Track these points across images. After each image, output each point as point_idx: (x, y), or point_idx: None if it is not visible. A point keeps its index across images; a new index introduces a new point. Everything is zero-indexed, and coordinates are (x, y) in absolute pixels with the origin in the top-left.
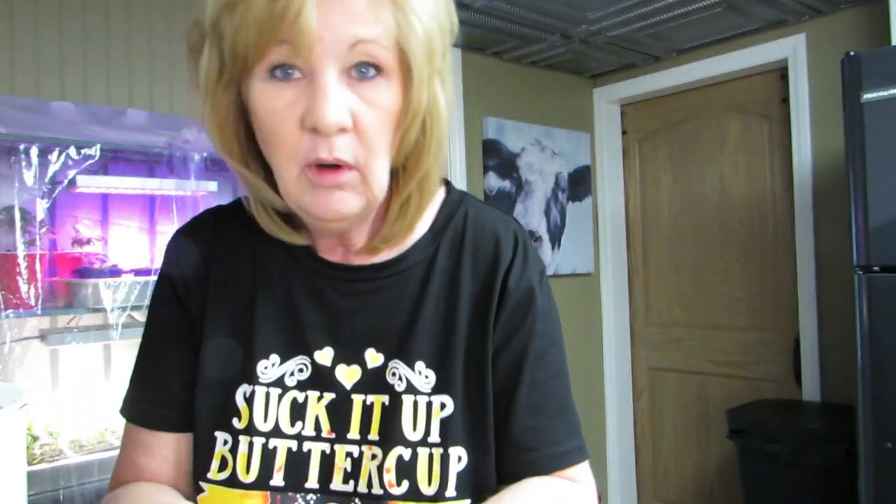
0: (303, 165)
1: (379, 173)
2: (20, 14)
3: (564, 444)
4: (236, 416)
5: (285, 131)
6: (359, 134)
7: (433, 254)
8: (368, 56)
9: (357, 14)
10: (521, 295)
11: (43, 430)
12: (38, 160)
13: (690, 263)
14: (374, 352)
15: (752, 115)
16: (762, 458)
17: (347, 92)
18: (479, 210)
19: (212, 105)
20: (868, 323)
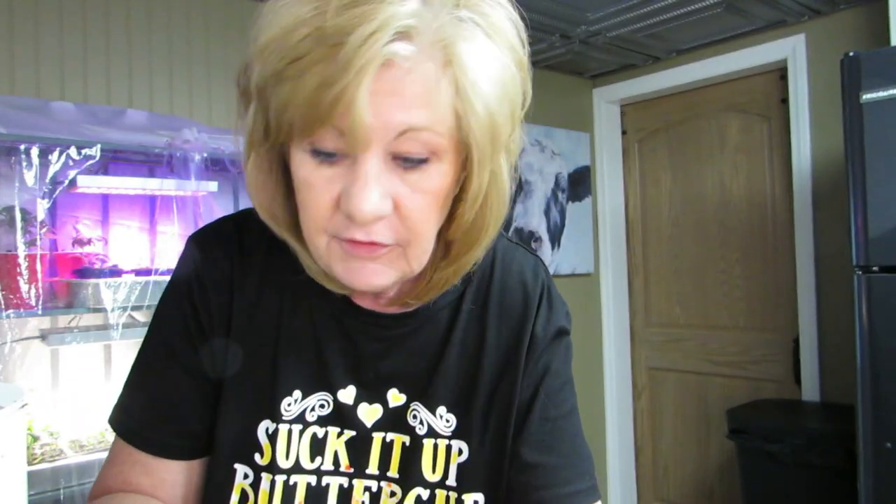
0: (332, 236)
1: (420, 251)
2: (20, 14)
3: (575, 483)
4: (258, 451)
5: (320, 207)
6: (401, 219)
7: (460, 297)
8: (418, 144)
9: (410, 100)
10: (548, 340)
11: (43, 430)
12: (39, 160)
13: (690, 263)
14: (397, 392)
15: (751, 116)
16: (762, 458)
17: (391, 177)
18: (506, 252)
19: (255, 162)
20: (868, 323)
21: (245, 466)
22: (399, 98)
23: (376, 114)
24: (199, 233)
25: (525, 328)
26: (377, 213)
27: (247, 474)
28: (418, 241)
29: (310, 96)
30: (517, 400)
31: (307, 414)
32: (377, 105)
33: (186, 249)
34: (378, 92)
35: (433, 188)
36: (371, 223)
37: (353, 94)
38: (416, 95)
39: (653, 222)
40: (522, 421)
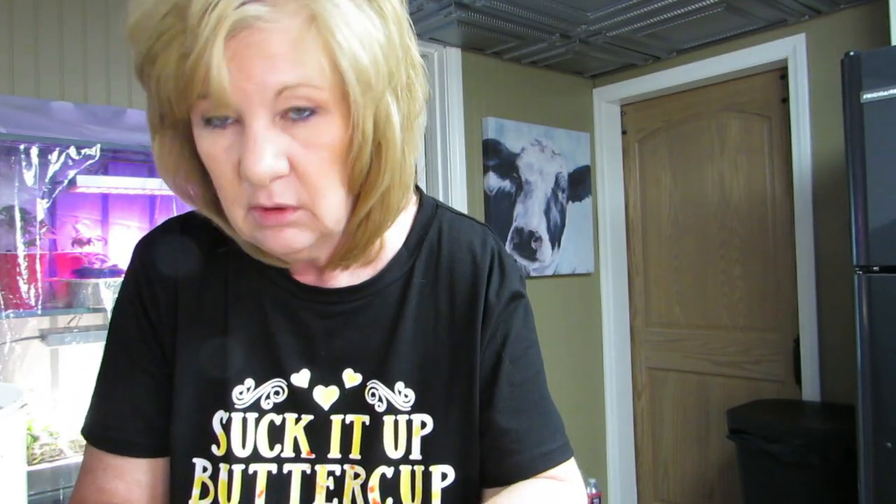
0: (247, 207)
1: (329, 209)
2: (20, 14)
3: (548, 443)
4: (214, 443)
5: (225, 178)
6: (299, 176)
7: (409, 271)
8: (299, 100)
9: (279, 59)
10: (503, 305)
11: (43, 430)
12: (38, 160)
13: (690, 263)
14: (352, 372)
15: (752, 115)
16: (762, 458)
17: (282, 136)
18: (452, 222)
19: (160, 146)
20: (868, 323)
21: (203, 460)
22: (266, 58)
23: (248, 77)
24: (147, 235)
25: (478, 296)
26: (272, 173)
27: (205, 467)
28: (322, 198)
29: (174, 69)
30: (478, 368)
31: (262, 402)
32: (245, 69)
33: (134, 251)
34: (242, 55)
35: (326, 142)
36: (267, 183)
37: (207, 60)
38: (283, 54)
39: (653, 222)
40: (489, 389)
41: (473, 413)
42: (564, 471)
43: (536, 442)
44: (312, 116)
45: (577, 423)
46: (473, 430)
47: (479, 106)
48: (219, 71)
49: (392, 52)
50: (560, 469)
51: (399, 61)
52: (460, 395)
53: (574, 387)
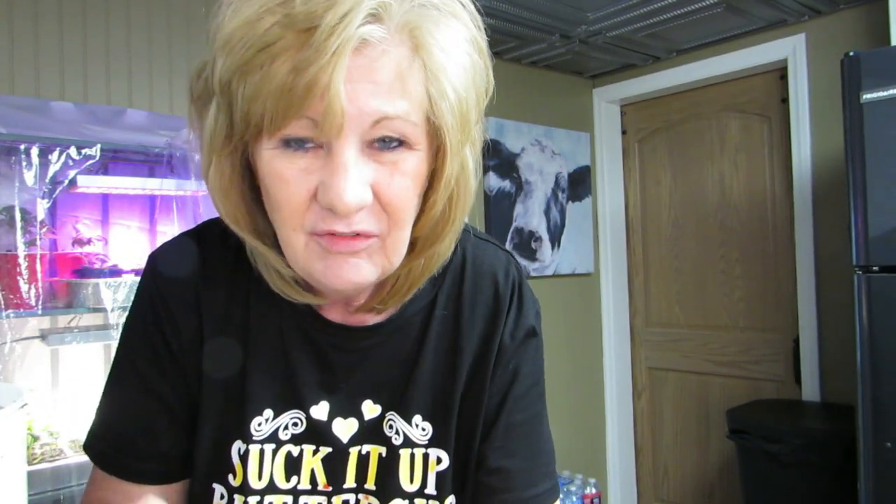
0: (310, 233)
1: (398, 243)
2: (20, 14)
3: (538, 486)
4: (231, 472)
5: (296, 202)
6: (383, 205)
7: (431, 302)
8: (393, 132)
9: (385, 87)
10: (517, 345)
11: (43, 430)
12: (39, 160)
13: (690, 263)
14: (372, 403)
15: (751, 115)
16: (762, 458)
17: (368, 164)
18: (477, 249)
19: (216, 168)
20: (868, 323)
21: (221, 487)
22: (372, 84)
23: (351, 100)
24: (160, 251)
25: (495, 334)
26: (360, 203)
27: (223, 494)
28: (399, 229)
29: (282, 83)
30: (484, 406)
31: (280, 433)
32: (351, 91)
33: (149, 269)
34: (351, 78)
35: (411, 172)
36: (354, 213)
37: (328, 78)
38: (389, 82)
39: (653, 222)
40: (489, 427)
41: (473, 449)
42: None
43: (525, 484)
44: (398, 147)
45: (577, 423)
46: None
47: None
48: (339, 95)
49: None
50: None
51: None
52: (468, 430)
53: (574, 387)
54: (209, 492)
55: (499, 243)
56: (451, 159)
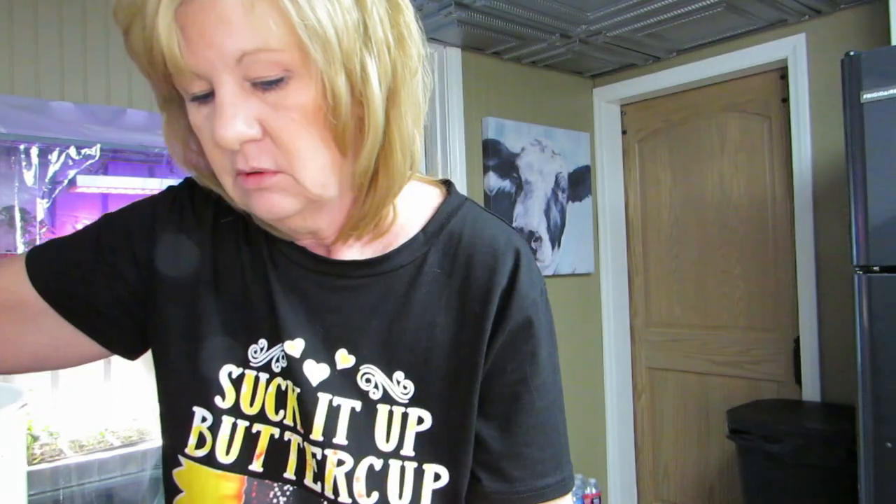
0: (233, 174)
1: (310, 172)
2: (20, 14)
3: (549, 477)
4: (219, 394)
5: (209, 147)
6: (273, 140)
7: (423, 257)
8: (263, 67)
9: (235, 24)
10: (523, 318)
11: (43, 430)
12: (38, 160)
13: (690, 263)
14: (346, 353)
15: (752, 115)
16: (762, 458)
17: (251, 101)
18: (479, 217)
19: (166, 122)
20: (868, 323)
21: (204, 409)
22: (222, 24)
23: (208, 44)
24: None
25: (492, 298)
26: (239, 137)
27: (205, 417)
28: (299, 160)
29: (139, 44)
30: (481, 370)
31: (273, 364)
32: (203, 36)
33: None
34: (201, 21)
35: (296, 104)
36: (237, 147)
37: (158, 31)
38: (238, 19)
39: (653, 222)
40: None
41: (471, 417)
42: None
43: (540, 473)
44: (282, 80)
45: (577, 423)
46: (469, 435)
47: (479, 106)
48: (168, 40)
49: (363, 8)
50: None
51: (375, 19)
52: (461, 395)
53: (574, 387)
54: (189, 415)
55: (505, 220)
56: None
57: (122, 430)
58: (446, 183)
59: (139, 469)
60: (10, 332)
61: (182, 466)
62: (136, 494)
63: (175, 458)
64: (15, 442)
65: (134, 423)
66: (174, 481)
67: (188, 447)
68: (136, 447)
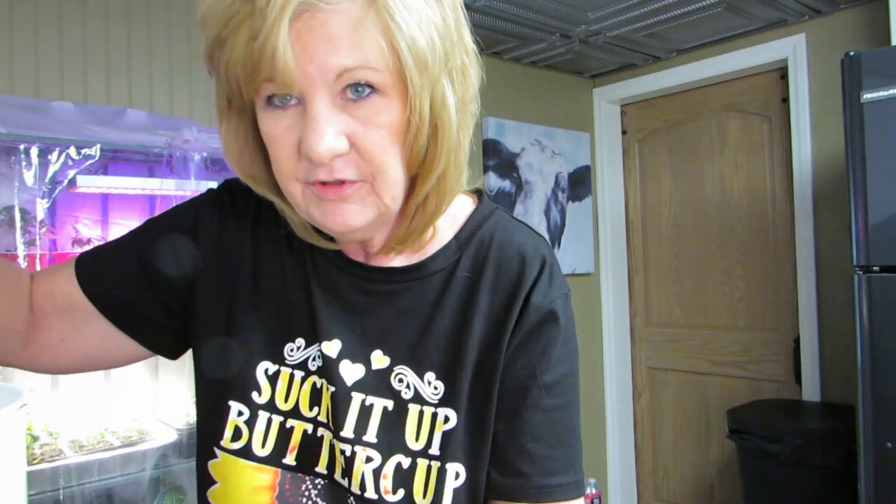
0: (304, 182)
1: (389, 185)
2: (20, 14)
3: (560, 476)
4: (256, 390)
5: (285, 155)
6: (360, 153)
7: (455, 263)
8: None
9: (340, 41)
10: (542, 315)
11: (43, 430)
12: (38, 160)
13: (690, 263)
14: (381, 354)
15: (752, 115)
16: (762, 458)
17: (342, 115)
18: (508, 225)
19: (226, 130)
20: (868, 323)
21: (240, 404)
22: (328, 41)
23: (310, 59)
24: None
25: (517, 297)
26: (332, 151)
27: (241, 412)
28: (382, 173)
29: (243, 51)
30: (500, 369)
31: (310, 363)
32: (307, 51)
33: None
34: (304, 37)
35: (384, 121)
36: (327, 161)
37: (273, 42)
38: (344, 36)
39: (653, 222)
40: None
41: (489, 414)
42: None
43: (549, 471)
44: (370, 96)
45: None
46: (487, 432)
47: (478, 106)
48: (284, 52)
49: (448, 35)
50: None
51: (454, 45)
52: (481, 393)
53: None
54: (225, 409)
55: (533, 228)
56: (416, 101)
57: (122, 430)
58: (478, 192)
59: (139, 469)
60: (66, 334)
61: (217, 458)
62: (136, 494)
63: (211, 449)
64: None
65: (134, 423)
66: (209, 472)
67: (224, 440)
68: (136, 447)
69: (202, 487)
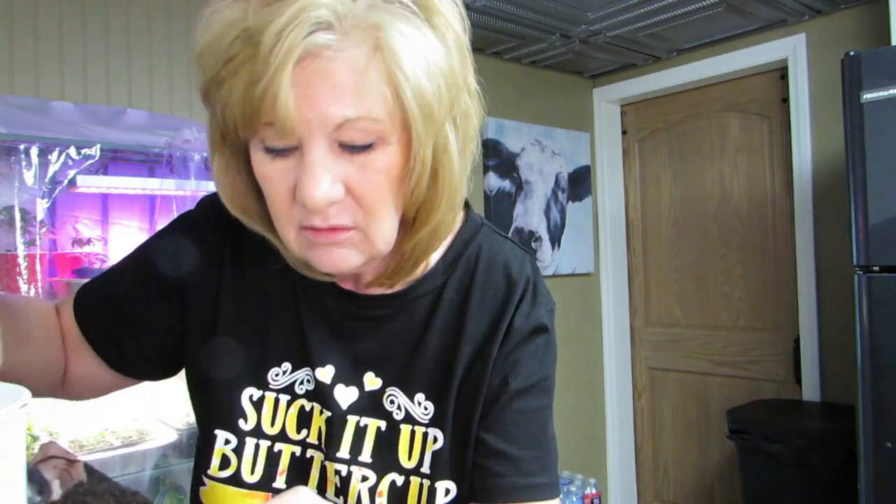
0: (298, 227)
1: (382, 232)
2: (20, 14)
3: (535, 477)
4: (241, 417)
5: (279, 199)
6: (355, 199)
7: (442, 286)
8: (358, 133)
9: (344, 89)
10: (525, 333)
11: (43, 430)
12: (38, 160)
13: (690, 263)
14: (373, 376)
15: (752, 115)
16: (762, 458)
17: (339, 162)
18: (493, 244)
19: (218, 164)
20: (868, 323)
21: (226, 432)
22: (330, 88)
23: (311, 106)
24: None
25: (503, 318)
26: (327, 200)
27: (228, 440)
28: (376, 221)
29: (242, 95)
30: (485, 389)
31: (296, 386)
32: (309, 97)
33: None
34: (307, 84)
35: (382, 168)
36: (324, 209)
37: (275, 89)
38: (346, 85)
39: (653, 222)
40: (490, 409)
41: (472, 432)
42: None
43: (524, 472)
44: (371, 148)
45: (577, 423)
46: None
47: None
48: (286, 100)
49: (454, 81)
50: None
51: (459, 90)
52: (466, 412)
53: (574, 387)
54: (211, 437)
55: (518, 242)
56: (419, 149)
57: (122, 430)
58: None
59: (139, 469)
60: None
61: (206, 486)
62: None
63: (199, 478)
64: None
65: (134, 423)
66: (200, 500)
67: (211, 468)
68: (136, 447)
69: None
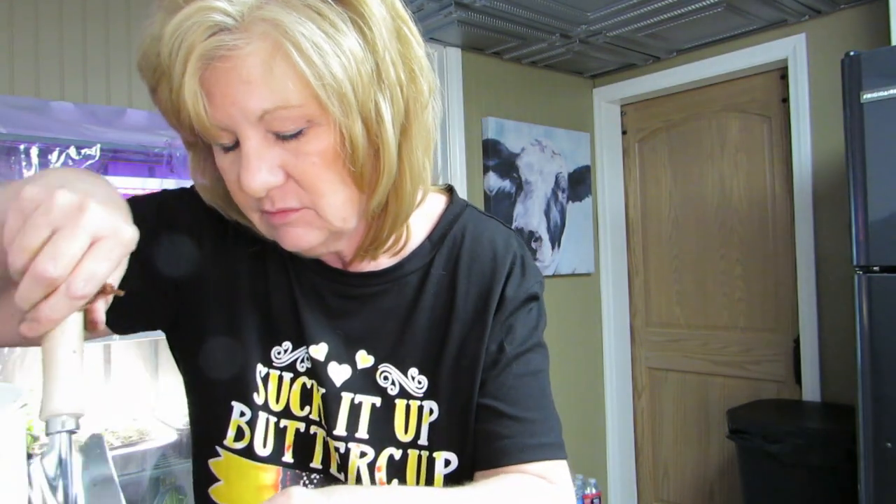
0: (259, 211)
1: (332, 208)
2: (20, 14)
3: (540, 437)
4: (255, 391)
5: (234, 188)
6: (297, 182)
7: (429, 263)
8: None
9: (255, 84)
10: (518, 302)
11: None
12: (39, 160)
13: (690, 263)
14: (366, 353)
15: (752, 115)
16: (762, 458)
17: (274, 149)
18: (478, 222)
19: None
20: (868, 323)
21: (242, 405)
22: (243, 84)
23: (232, 103)
24: None
25: (493, 290)
26: (264, 187)
27: (243, 412)
28: (321, 198)
29: (167, 102)
30: (482, 359)
31: (298, 364)
32: (228, 96)
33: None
34: (222, 82)
35: (315, 151)
36: (262, 195)
37: (185, 94)
38: (255, 78)
39: (653, 222)
40: (490, 376)
41: (473, 402)
42: (554, 471)
43: (530, 433)
44: (301, 133)
45: (577, 422)
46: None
47: (479, 106)
48: (195, 104)
49: (374, 52)
50: (549, 466)
51: (384, 60)
52: (465, 384)
53: (574, 387)
54: (228, 409)
55: (503, 222)
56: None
57: (122, 430)
58: (449, 188)
59: (139, 469)
60: None
61: (220, 457)
62: (136, 494)
63: (212, 448)
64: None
65: (134, 423)
66: (210, 470)
67: (227, 439)
68: (136, 447)
69: (202, 484)
